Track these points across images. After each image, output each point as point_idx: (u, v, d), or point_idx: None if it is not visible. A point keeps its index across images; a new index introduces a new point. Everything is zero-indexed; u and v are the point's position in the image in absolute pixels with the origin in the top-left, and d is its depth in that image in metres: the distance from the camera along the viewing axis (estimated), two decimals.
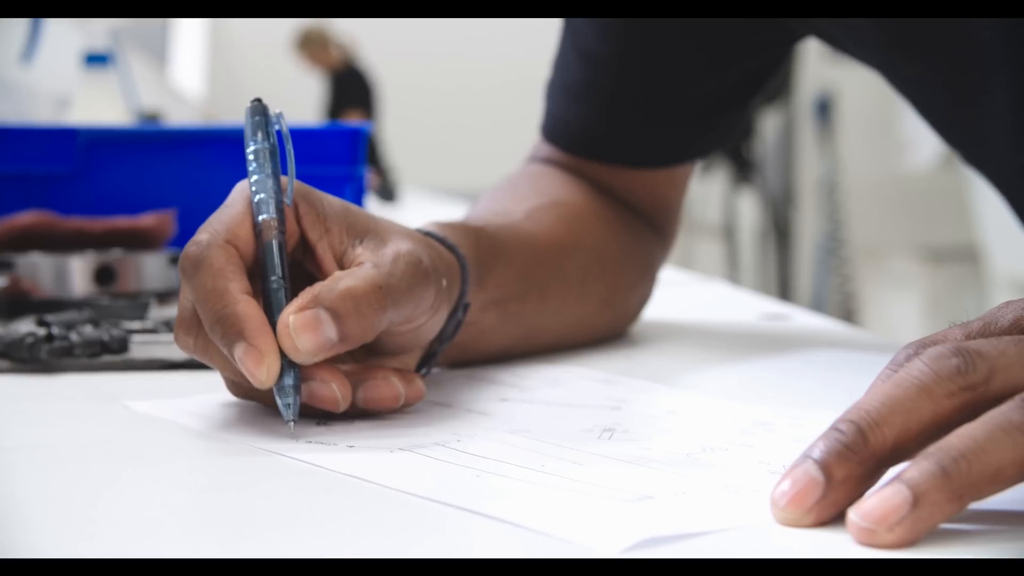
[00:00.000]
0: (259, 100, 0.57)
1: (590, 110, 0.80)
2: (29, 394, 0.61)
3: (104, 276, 0.90)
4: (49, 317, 0.71)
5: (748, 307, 0.94)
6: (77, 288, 0.90)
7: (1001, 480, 0.38)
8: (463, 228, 0.65)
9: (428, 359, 0.60)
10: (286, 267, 0.53)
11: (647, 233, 0.82)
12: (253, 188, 0.55)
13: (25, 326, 0.69)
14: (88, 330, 0.68)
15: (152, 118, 1.88)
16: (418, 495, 0.43)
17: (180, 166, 1.14)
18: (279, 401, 0.51)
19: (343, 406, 0.53)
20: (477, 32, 6.17)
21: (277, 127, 0.57)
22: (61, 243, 0.94)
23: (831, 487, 0.39)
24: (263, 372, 0.50)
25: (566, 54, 0.81)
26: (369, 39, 5.88)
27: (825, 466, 0.39)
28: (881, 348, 0.75)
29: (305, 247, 0.56)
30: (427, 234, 0.60)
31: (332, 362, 0.53)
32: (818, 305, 4.13)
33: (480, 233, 0.66)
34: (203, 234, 0.53)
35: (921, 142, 3.66)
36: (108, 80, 1.66)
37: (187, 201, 1.11)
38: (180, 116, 3.18)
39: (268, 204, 0.54)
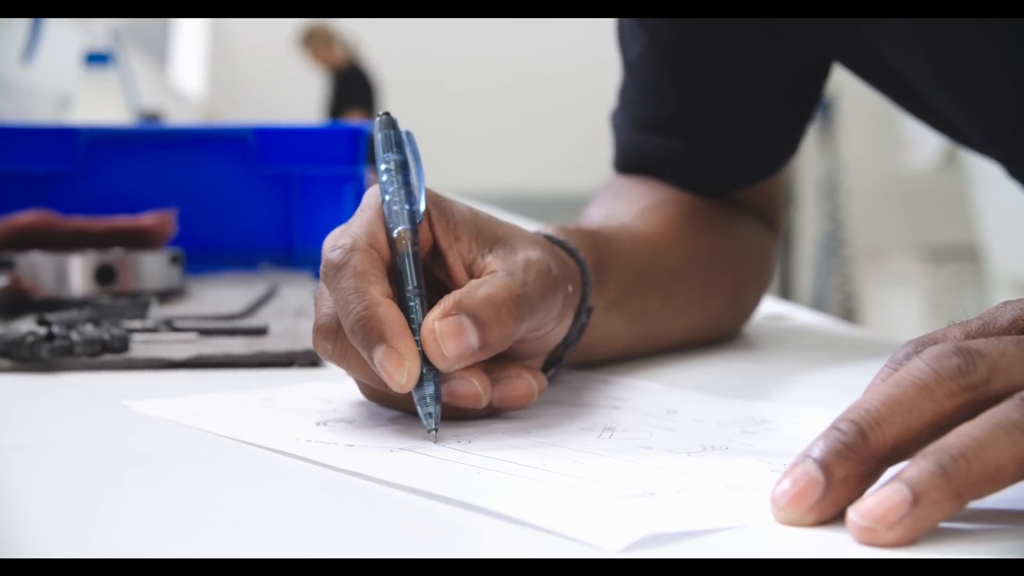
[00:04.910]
0: (387, 114, 0.57)
1: (673, 141, 0.80)
2: (29, 393, 0.61)
3: (104, 275, 0.90)
4: (50, 316, 0.71)
5: None
6: (78, 287, 0.90)
7: (1001, 479, 0.38)
8: (580, 232, 0.65)
9: (553, 363, 0.60)
10: (421, 278, 0.54)
11: (759, 227, 0.83)
12: (387, 199, 0.55)
13: (26, 325, 0.69)
14: (89, 329, 0.68)
15: (152, 117, 1.88)
16: (419, 492, 0.43)
17: (180, 166, 1.15)
18: (420, 411, 0.51)
19: (484, 402, 0.53)
20: (480, 33, 6.16)
21: (407, 141, 0.57)
22: (62, 242, 0.94)
23: (831, 486, 0.39)
24: (402, 375, 0.50)
25: (628, 91, 0.82)
26: (372, 39, 5.89)
27: (825, 465, 0.39)
28: (881, 347, 0.75)
29: (435, 254, 0.56)
30: (547, 237, 0.61)
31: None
32: (819, 304, 4.13)
33: (596, 236, 0.67)
34: (344, 238, 0.53)
35: (922, 142, 3.66)
36: (109, 79, 1.66)
37: (187, 201, 1.11)
38: (180, 116, 3.18)
39: (402, 216, 0.54)
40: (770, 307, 0.92)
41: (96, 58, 1.68)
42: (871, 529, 0.37)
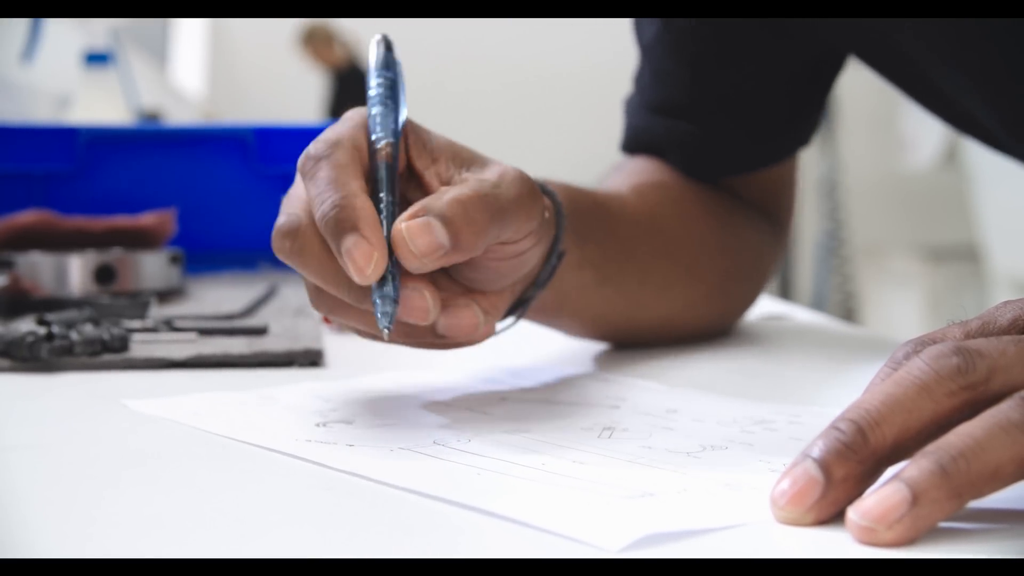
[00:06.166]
0: (386, 36, 0.59)
1: (681, 124, 0.80)
2: (29, 393, 0.61)
3: (104, 275, 0.90)
4: (49, 316, 0.71)
5: None
6: (77, 287, 0.90)
7: (1000, 478, 0.38)
8: (564, 184, 0.66)
9: (520, 304, 0.60)
10: (397, 191, 0.54)
11: (759, 223, 0.82)
12: (373, 112, 0.56)
13: (25, 325, 0.69)
14: (88, 329, 0.68)
15: (152, 117, 1.88)
16: (419, 492, 0.43)
17: (180, 166, 1.15)
18: (377, 308, 0.51)
19: (432, 317, 0.53)
20: (481, 33, 6.16)
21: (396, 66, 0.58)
22: (61, 242, 0.94)
23: (831, 486, 0.39)
24: (370, 266, 0.50)
25: (642, 75, 0.82)
26: (372, 39, 5.88)
27: (824, 465, 0.39)
28: (881, 347, 0.75)
29: (410, 177, 0.57)
30: None
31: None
32: (819, 304, 4.13)
33: (584, 193, 0.67)
34: (328, 135, 0.54)
35: (922, 141, 3.66)
36: (108, 79, 1.66)
37: (187, 200, 1.11)
38: (180, 115, 3.18)
39: (387, 129, 0.55)
40: (770, 307, 0.92)
41: (96, 58, 1.68)
42: (871, 529, 0.37)
